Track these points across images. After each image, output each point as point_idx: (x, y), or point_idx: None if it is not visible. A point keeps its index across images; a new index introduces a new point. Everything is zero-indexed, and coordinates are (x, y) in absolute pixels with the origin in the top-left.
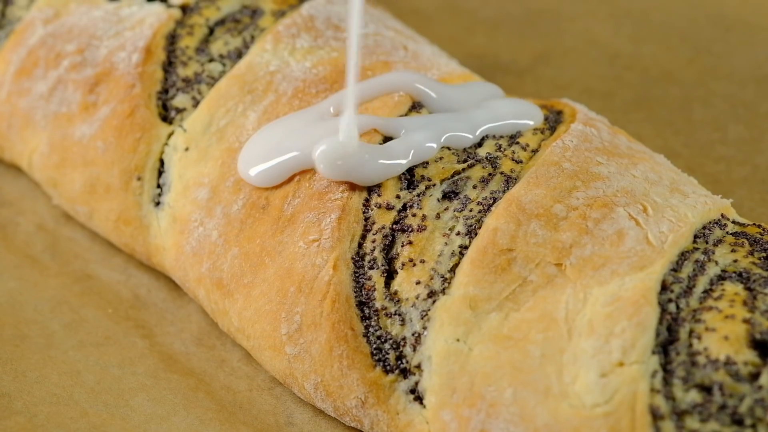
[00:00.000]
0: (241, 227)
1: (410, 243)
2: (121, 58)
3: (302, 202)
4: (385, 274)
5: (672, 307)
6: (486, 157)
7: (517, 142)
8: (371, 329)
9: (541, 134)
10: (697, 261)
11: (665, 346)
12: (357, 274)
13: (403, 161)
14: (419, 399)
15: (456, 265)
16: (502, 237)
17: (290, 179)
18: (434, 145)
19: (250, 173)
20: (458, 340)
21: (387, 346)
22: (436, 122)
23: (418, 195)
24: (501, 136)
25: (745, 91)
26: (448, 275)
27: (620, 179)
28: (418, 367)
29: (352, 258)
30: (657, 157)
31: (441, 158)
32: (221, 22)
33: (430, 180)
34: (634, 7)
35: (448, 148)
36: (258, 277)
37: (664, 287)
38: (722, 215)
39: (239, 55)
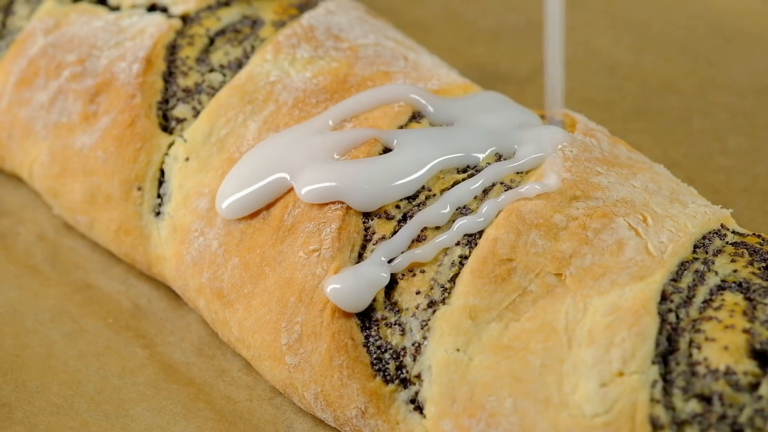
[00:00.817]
0: (242, 237)
1: None
2: (121, 68)
3: (302, 212)
4: (385, 284)
5: (672, 317)
6: (486, 167)
7: None
8: (371, 339)
9: None
10: (696, 271)
11: (665, 356)
12: None
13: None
14: (419, 409)
15: (456, 275)
16: (502, 247)
17: (290, 189)
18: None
19: (222, 206)
20: (458, 349)
21: (387, 356)
22: (435, 139)
23: (418, 205)
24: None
25: (744, 102)
26: (448, 285)
27: (620, 189)
28: (418, 376)
29: None
30: (657, 167)
31: (440, 168)
32: (222, 33)
33: (430, 190)
34: (634, 17)
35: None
36: (258, 287)
37: (664, 297)
38: (722, 225)
39: (239, 65)
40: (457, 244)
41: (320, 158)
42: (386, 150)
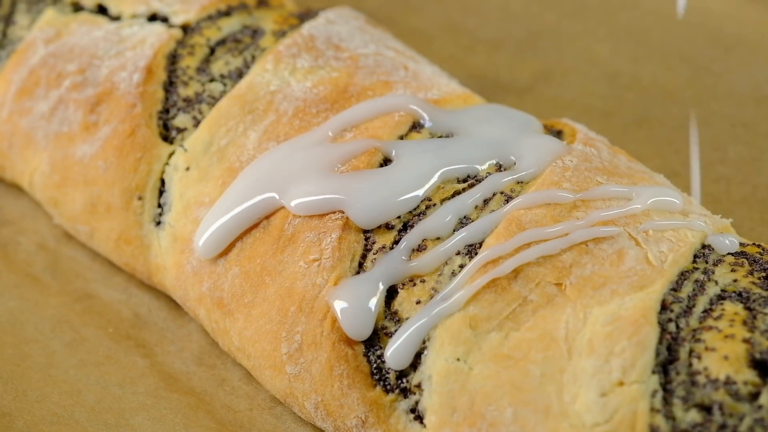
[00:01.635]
0: (242, 247)
1: None
2: (122, 77)
3: (303, 222)
4: (386, 294)
5: (672, 326)
6: (486, 177)
7: None
8: (372, 348)
9: None
10: (696, 281)
11: (665, 365)
12: None
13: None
14: (419, 418)
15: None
16: None
17: (281, 207)
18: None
19: (199, 243)
20: (458, 359)
21: (387, 365)
22: (436, 152)
23: (419, 215)
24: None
25: (744, 111)
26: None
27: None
28: (419, 386)
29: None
30: (657, 177)
31: (442, 179)
32: (222, 42)
33: (430, 200)
34: (634, 26)
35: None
36: (258, 296)
37: (664, 307)
38: (722, 235)
39: (240, 74)
40: (458, 253)
41: (320, 170)
42: (386, 159)
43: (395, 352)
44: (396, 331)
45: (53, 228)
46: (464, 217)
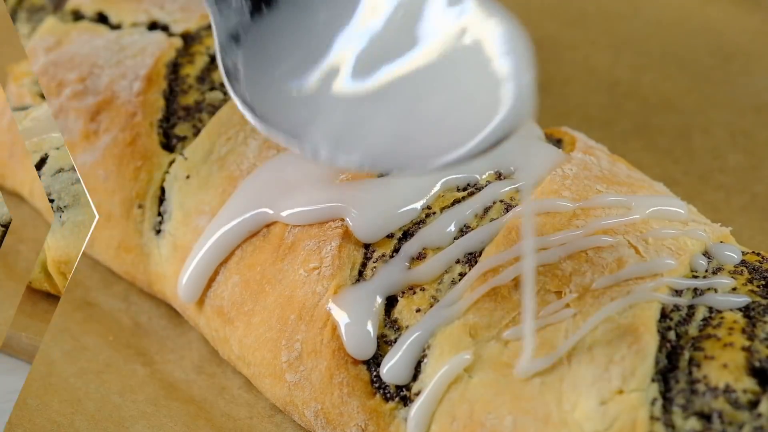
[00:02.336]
0: (242, 255)
1: None
2: (122, 86)
3: (303, 230)
4: (386, 302)
5: (671, 334)
6: (486, 186)
7: None
8: (372, 357)
9: None
10: (696, 289)
11: (665, 373)
12: None
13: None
14: None
15: None
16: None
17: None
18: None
19: (182, 282)
20: None
21: None
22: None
23: (418, 223)
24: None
25: (744, 120)
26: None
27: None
28: (418, 394)
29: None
30: (656, 186)
31: (443, 189)
32: None
33: (429, 208)
34: (633, 35)
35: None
36: (258, 304)
37: (664, 315)
38: (721, 243)
39: None
40: (457, 262)
41: (320, 179)
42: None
43: (392, 368)
44: (396, 340)
45: None
46: (464, 226)
